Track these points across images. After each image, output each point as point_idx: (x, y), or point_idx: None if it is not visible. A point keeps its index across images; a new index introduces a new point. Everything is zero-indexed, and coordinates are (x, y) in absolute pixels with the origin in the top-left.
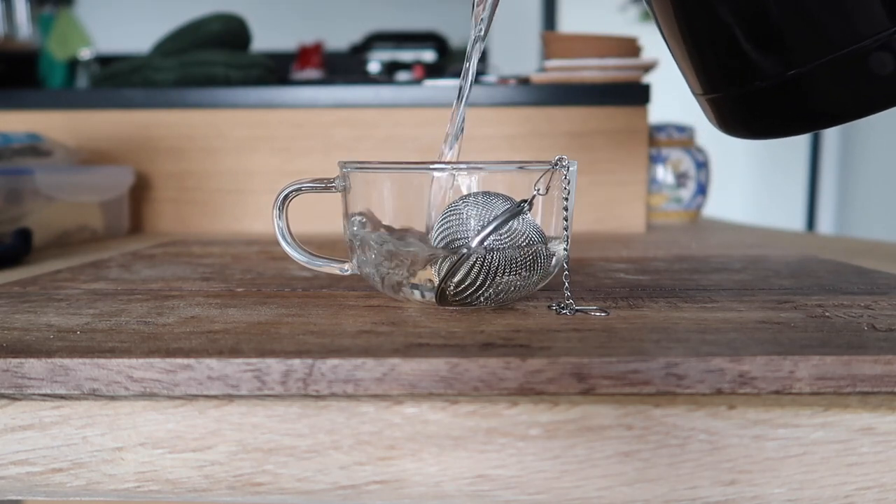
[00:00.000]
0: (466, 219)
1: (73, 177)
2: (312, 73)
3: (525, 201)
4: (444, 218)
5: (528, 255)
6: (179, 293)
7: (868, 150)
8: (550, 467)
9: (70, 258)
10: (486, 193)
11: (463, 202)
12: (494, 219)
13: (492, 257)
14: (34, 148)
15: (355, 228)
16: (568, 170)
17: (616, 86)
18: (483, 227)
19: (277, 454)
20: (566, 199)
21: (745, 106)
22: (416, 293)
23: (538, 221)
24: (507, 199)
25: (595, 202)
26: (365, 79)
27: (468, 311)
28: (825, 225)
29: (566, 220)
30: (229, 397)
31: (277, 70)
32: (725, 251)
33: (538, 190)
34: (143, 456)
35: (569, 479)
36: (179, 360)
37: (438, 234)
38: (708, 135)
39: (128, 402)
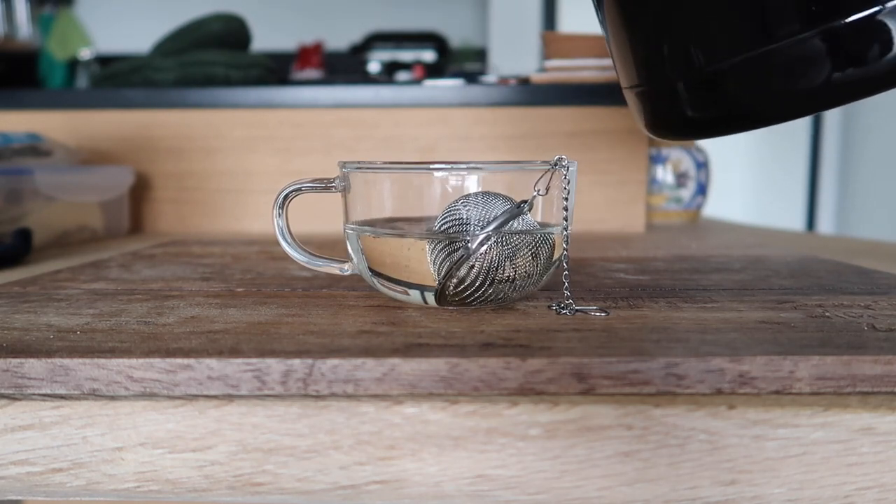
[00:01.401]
0: (466, 219)
1: (73, 177)
2: (312, 73)
3: (525, 202)
4: (444, 218)
5: (530, 248)
6: (179, 293)
7: (868, 150)
8: (550, 467)
9: (70, 258)
10: (485, 193)
11: (462, 202)
12: (495, 219)
13: (492, 257)
14: (34, 148)
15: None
16: (568, 170)
17: (616, 86)
18: (483, 227)
19: (277, 454)
20: (566, 199)
21: (669, 103)
22: (416, 293)
23: (538, 221)
24: (506, 198)
25: (595, 202)
26: (365, 79)
27: (468, 311)
28: (825, 225)
29: (566, 221)
30: (229, 397)
31: (277, 70)
32: (725, 251)
33: (538, 191)
34: (143, 456)
35: (569, 479)
36: (179, 360)
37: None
38: None
39: (128, 402)
